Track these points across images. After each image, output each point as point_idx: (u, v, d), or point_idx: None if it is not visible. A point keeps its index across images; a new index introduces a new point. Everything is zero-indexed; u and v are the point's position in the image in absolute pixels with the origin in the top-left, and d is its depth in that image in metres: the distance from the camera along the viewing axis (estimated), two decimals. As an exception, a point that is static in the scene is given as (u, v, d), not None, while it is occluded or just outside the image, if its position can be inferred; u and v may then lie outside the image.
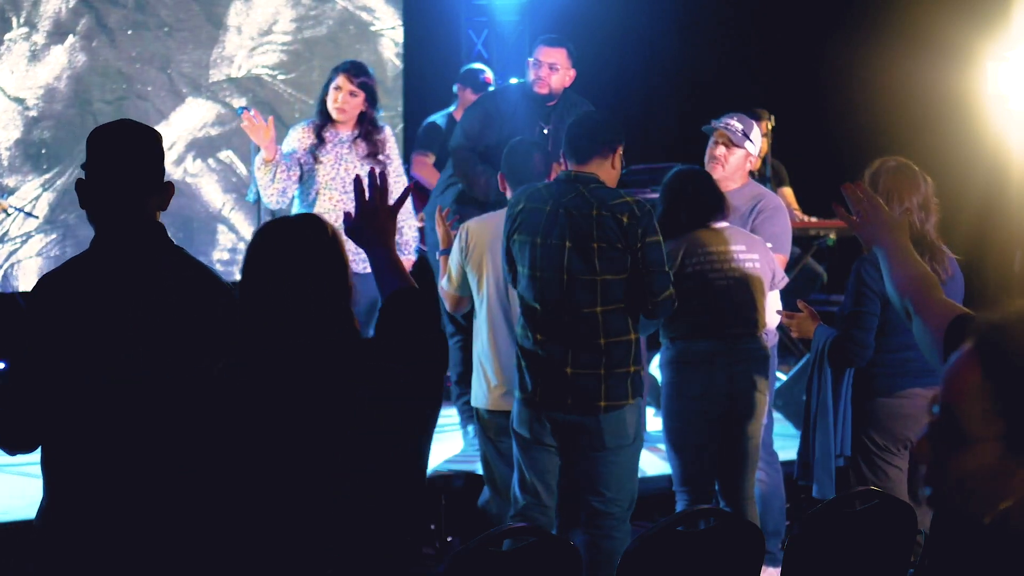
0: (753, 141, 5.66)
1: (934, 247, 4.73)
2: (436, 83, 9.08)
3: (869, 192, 3.26)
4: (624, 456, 4.82)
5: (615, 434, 4.76)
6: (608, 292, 4.70)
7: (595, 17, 9.67)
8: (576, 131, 4.84)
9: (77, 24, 8.62)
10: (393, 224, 3.16)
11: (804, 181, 9.05)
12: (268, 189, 6.38)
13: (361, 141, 6.51)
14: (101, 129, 3.38)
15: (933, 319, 2.97)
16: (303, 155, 6.41)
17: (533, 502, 4.84)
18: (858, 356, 4.74)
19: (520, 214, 4.76)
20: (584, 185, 4.75)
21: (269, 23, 9.24)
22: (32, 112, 8.49)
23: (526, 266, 4.74)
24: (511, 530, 3.48)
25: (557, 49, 6.64)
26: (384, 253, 3.11)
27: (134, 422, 3.23)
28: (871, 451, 4.81)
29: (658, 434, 6.84)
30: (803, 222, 8.73)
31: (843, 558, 3.63)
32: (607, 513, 4.80)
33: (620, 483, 4.82)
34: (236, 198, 9.09)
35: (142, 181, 3.34)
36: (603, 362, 4.71)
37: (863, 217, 3.22)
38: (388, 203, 3.16)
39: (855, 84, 9.51)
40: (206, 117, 9.04)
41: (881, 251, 3.18)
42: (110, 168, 3.31)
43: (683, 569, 3.50)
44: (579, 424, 4.74)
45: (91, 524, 3.23)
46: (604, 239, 4.67)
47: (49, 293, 3.26)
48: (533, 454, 4.82)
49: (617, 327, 4.72)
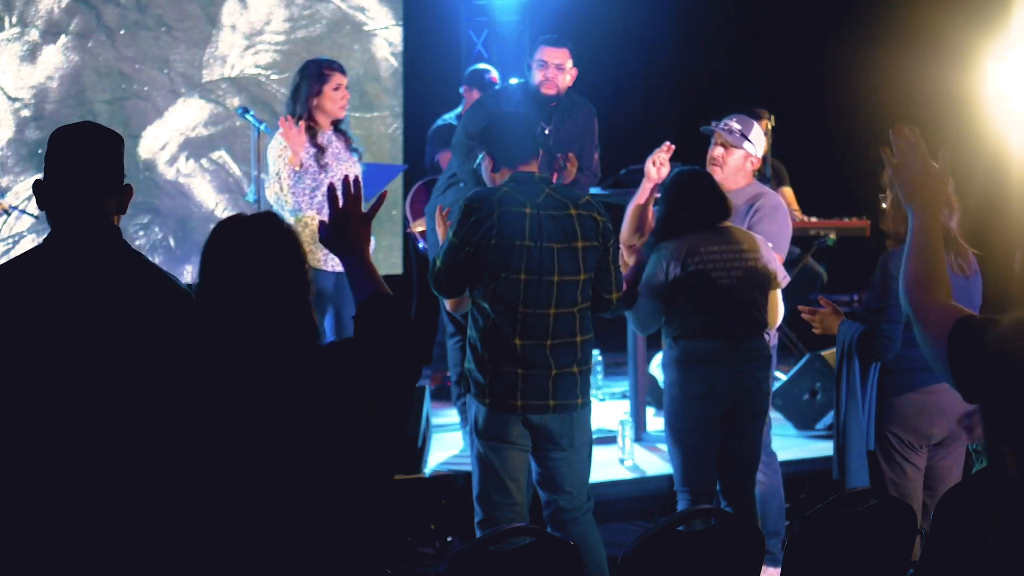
0: (753, 141, 5.65)
1: (958, 244, 4.77)
2: (436, 83, 9.09)
3: (918, 137, 3.11)
4: (587, 454, 4.89)
5: (583, 431, 4.83)
6: (585, 291, 4.78)
7: (595, 17, 9.67)
8: (513, 132, 4.85)
9: (75, 23, 8.62)
10: (367, 230, 3.15)
11: (804, 181, 9.05)
12: (300, 196, 6.32)
13: (340, 135, 6.52)
14: (62, 130, 3.36)
15: (933, 326, 2.91)
16: (308, 160, 6.40)
17: (506, 502, 4.77)
18: (887, 349, 4.75)
19: (500, 218, 4.67)
20: (547, 185, 4.79)
21: (263, 22, 9.25)
22: (26, 111, 8.48)
23: (506, 270, 4.68)
24: (511, 530, 3.48)
25: (561, 49, 6.64)
26: (358, 259, 3.11)
27: (72, 423, 3.18)
28: (893, 447, 4.81)
29: (658, 434, 6.86)
30: (803, 222, 8.74)
31: (843, 558, 3.63)
32: (571, 508, 4.84)
33: (582, 480, 4.87)
34: (229, 198, 9.09)
35: (99, 182, 3.31)
36: (577, 359, 4.77)
37: (903, 161, 3.08)
38: (361, 210, 3.15)
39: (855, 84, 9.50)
40: (201, 117, 9.03)
41: (911, 215, 3.03)
42: (67, 168, 3.29)
43: (683, 569, 3.50)
44: (553, 422, 4.75)
45: (32, 530, 3.18)
46: (587, 238, 4.74)
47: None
48: (506, 454, 4.77)
49: (588, 325, 4.83)
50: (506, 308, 4.70)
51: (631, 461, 6.64)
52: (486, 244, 4.67)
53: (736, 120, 5.68)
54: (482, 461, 4.79)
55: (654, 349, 7.23)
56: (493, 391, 4.73)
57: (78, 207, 3.29)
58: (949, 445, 4.87)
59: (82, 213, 3.29)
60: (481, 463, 4.80)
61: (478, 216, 4.68)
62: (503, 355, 4.72)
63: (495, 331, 4.71)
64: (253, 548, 2.84)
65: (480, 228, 4.67)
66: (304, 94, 6.46)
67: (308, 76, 6.47)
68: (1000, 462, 2.55)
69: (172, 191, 8.92)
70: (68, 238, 3.29)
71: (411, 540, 6.12)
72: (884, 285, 4.75)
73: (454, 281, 4.77)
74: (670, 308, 5.14)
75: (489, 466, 4.77)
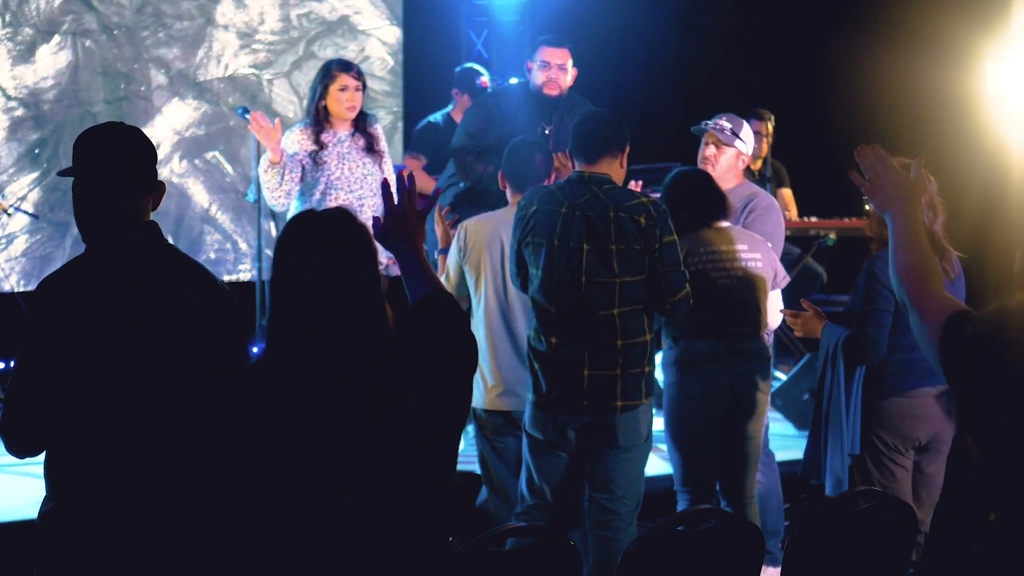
0: (743, 139, 5.67)
1: (943, 246, 4.75)
2: (436, 83, 9.09)
3: (883, 154, 3.15)
4: (635, 455, 4.83)
5: (629, 433, 4.77)
6: (625, 294, 4.71)
7: (595, 17, 9.68)
8: (584, 130, 4.81)
9: (71, 22, 8.62)
10: (422, 227, 3.19)
11: (804, 181, 9.06)
12: (276, 192, 6.35)
13: (360, 136, 6.51)
14: (90, 132, 3.38)
15: (929, 314, 2.92)
16: (304, 157, 6.41)
17: (538, 503, 4.84)
18: (872, 353, 4.75)
19: (533, 216, 4.74)
20: (598, 186, 4.74)
21: (259, 22, 9.25)
22: (21, 111, 8.46)
23: (540, 268, 4.72)
24: (511, 530, 3.48)
25: (562, 49, 6.64)
26: (414, 256, 3.14)
27: (140, 424, 3.23)
28: (879, 450, 4.81)
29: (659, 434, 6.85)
30: (802, 222, 8.75)
31: (843, 558, 3.63)
32: (615, 512, 4.81)
33: (630, 482, 4.83)
34: (223, 198, 9.09)
35: (136, 181, 3.34)
36: (619, 363, 4.72)
37: (876, 181, 3.12)
38: (416, 206, 3.17)
39: (855, 84, 9.51)
40: (196, 116, 9.03)
41: (890, 221, 3.07)
42: (104, 170, 3.31)
43: (683, 569, 3.50)
44: (594, 424, 4.75)
45: (96, 527, 3.22)
46: (623, 241, 4.68)
47: (53, 295, 3.26)
48: (544, 457, 4.82)
49: (634, 328, 4.74)
50: (543, 307, 4.74)
51: (631, 461, 6.63)
52: (523, 241, 4.78)
53: (726, 119, 5.70)
54: (523, 458, 4.91)
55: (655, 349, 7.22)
56: (535, 388, 4.80)
57: (118, 208, 3.31)
58: (934, 449, 4.87)
59: (123, 214, 3.32)
60: (523, 460, 4.92)
61: (523, 213, 4.78)
62: (542, 353, 4.76)
63: (538, 329, 4.78)
64: (320, 538, 2.85)
65: (524, 226, 4.77)
66: (313, 92, 6.52)
67: (319, 75, 6.54)
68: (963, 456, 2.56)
69: (168, 190, 8.91)
70: (116, 240, 3.31)
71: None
72: (869, 288, 4.74)
73: None
74: (670, 308, 5.14)
75: (526, 463, 4.88)
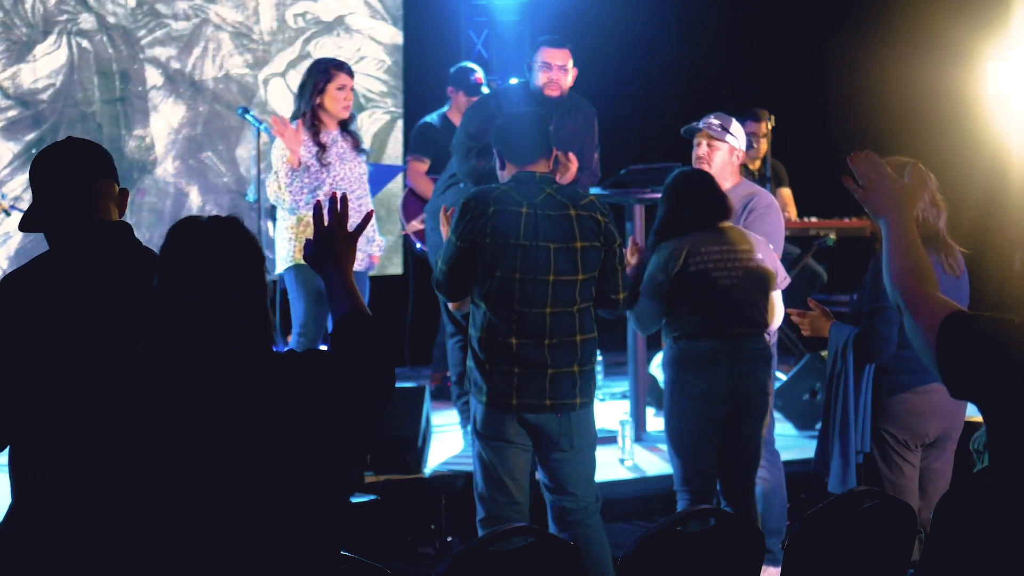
0: (734, 134, 5.69)
1: (946, 244, 4.76)
2: (436, 83, 9.07)
3: (876, 160, 3.14)
4: (589, 454, 4.87)
5: (584, 432, 4.82)
6: (583, 291, 4.77)
7: (595, 17, 9.67)
8: (518, 131, 4.83)
9: (69, 22, 8.61)
10: (352, 249, 3.14)
11: (804, 181, 9.06)
12: (297, 195, 6.33)
13: (348, 135, 6.52)
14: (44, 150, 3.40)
15: (924, 317, 2.92)
16: (310, 159, 6.40)
17: (506, 501, 4.78)
18: (883, 350, 4.75)
19: (493, 217, 4.68)
20: (548, 185, 4.77)
21: (255, 21, 9.24)
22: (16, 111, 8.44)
23: (501, 269, 4.69)
24: (511, 530, 3.48)
25: (563, 50, 6.63)
26: (338, 277, 3.11)
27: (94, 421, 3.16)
28: (889, 447, 4.81)
29: (658, 434, 6.86)
30: (802, 222, 8.74)
31: (843, 558, 3.63)
32: (577, 509, 4.83)
33: (588, 481, 4.86)
34: (219, 197, 9.08)
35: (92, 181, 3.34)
36: (577, 359, 4.76)
37: (869, 187, 3.11)
38: (347, 229, 3.15)
39: (855, 84, 9.51)
40: (193, 116, 9.02)
41: (884, 226, 3.07)
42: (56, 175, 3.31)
43: (683, 569, 3.50)
44: (550, 422, 4.75)
45: (61, 527, 3.19)
46: (585, 238, 4.73)
47: (14, 292, 3.24)
48: (505, 453, 4.78)
49: (588, 324, 4.81)
50: (502, 307, 4.71)
51: (631, 461, 6.64)
52: (481, 242, 4.69)
53: (715, 117, 5.74)
54: (482, 460, 4.82)
55: (654, 349, 7.23)
56: (490, 390, 4.74)
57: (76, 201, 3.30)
58: (941, 446, 4.87)
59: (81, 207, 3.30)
60: (481, 462, 4.82)
61: (474, 214, 4.70)
62: (500, 354, 4.72)
63: (492, 330, 4.72)
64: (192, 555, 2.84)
65: (475, 226, 4.69)
66: (308, 92, 6.47)
67: (314, 74, 6.49)
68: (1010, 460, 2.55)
69: (165, 190, 8.92)
70: (77, 235, 3.29)
71: (411, 540, 6.12)
72: (876, 286, 4.74)
73: (455, 281, 4.77)
74: (671, 308, 5.14)
75: (488, 465, 4.79)
